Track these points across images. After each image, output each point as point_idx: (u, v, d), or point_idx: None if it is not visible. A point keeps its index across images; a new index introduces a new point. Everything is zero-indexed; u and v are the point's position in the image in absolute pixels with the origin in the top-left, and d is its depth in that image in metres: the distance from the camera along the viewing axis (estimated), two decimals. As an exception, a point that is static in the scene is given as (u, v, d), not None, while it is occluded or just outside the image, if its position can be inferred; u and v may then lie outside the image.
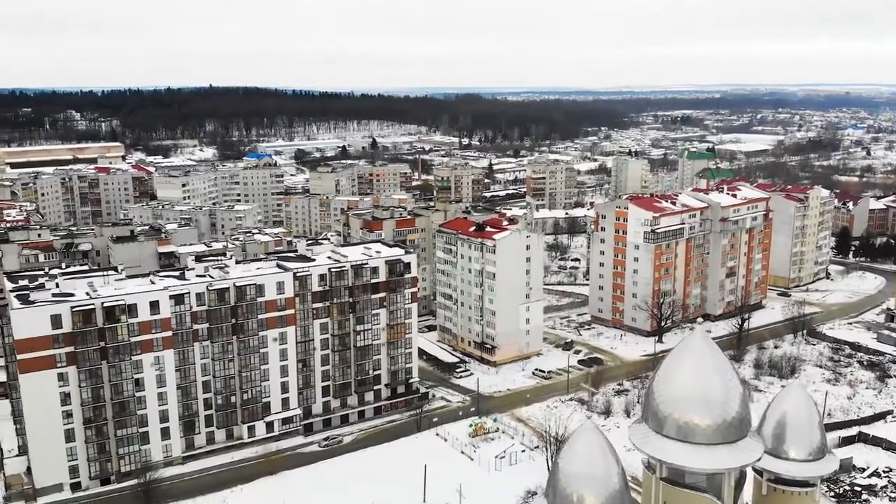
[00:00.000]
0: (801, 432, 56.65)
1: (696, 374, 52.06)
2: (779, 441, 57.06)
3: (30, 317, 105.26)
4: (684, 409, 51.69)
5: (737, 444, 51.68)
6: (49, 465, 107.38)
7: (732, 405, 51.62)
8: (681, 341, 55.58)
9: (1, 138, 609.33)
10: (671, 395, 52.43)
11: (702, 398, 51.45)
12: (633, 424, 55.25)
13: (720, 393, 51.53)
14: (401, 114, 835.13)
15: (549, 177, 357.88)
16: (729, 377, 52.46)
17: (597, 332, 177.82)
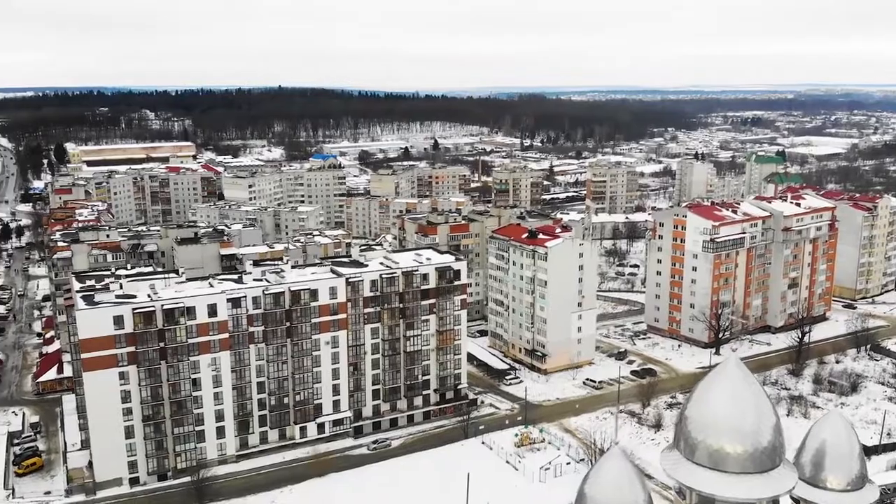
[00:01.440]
0: (841, 461, 55.13)
1: (728, 401, 51.10)
2: (817, 469, 55.64)
3: (94, 317, 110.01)
4: (716, 436, 50.86)
5: (769, 474, 50.60)
6: (109, 460, 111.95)
7: (765, 433, 50.52)
8: (714, 367, 54.80)
9: (79, 137, 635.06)
10: (703, 422, 51.64)
11: (734, 426, 50.54)
12: (665, 451, 54.74)
13: (753, 421, 50.48)
14: (463, 114, 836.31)
15: (609, 180, 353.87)
16: (762, 405, 51.29)
17: (652, 343, 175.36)
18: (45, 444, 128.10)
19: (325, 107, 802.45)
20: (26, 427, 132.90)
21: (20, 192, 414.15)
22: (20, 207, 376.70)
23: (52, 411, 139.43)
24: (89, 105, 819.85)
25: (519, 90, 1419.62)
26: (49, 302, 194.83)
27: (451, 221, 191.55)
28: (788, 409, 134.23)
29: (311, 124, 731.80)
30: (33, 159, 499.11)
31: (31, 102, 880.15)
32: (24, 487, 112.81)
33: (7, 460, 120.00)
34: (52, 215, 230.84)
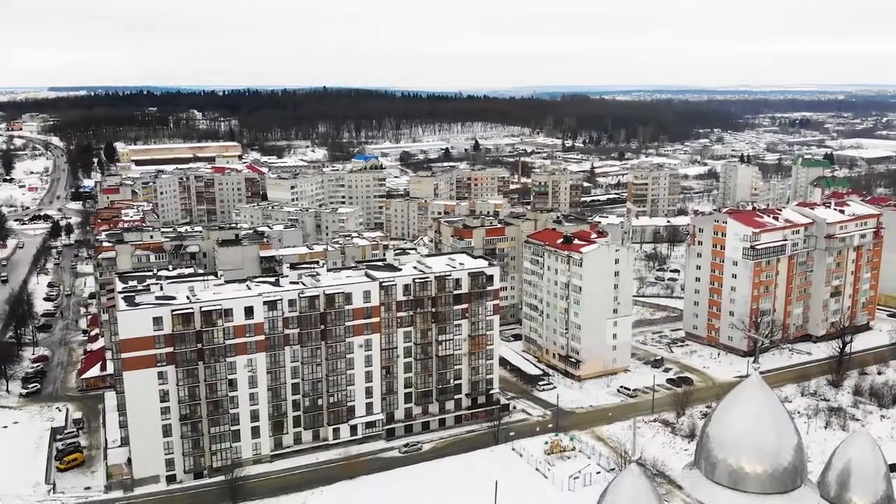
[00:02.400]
0: (866, 482, 54.12)
1: (749, 420, 50.72)
2: (842, 489, 54.70)
3: (134, 318, 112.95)
4: (736, 455, 50.50)
5: (790, 494, 50.10)
6: (147, 458, 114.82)
7: (786, 453, 50.03)
8: (736, 385, 54.35)
9: (128, 136, 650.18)
10: (723, 441, 51.32)
11: (754, 445, 50.15)
12: (685, 468, 54.45)
13: (774, 440, 50.04)
14: (505, 115, 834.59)
15: (651, 182, 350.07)
16: (783, 424, 50.82)
17: (690, 350, 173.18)
18: (87, 440, 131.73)
19: (369, 107, 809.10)
20: (69, 423, 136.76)
21: (70, 191, 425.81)
22: (70, 205, 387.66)
23: (95, 408, 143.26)
24: (139, 105, 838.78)
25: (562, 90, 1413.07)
26: (95, 299, 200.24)
27: (486, 225, 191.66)
28: (826, 420, 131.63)
29: (354, 125, 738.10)
30: (84, 158, 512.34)
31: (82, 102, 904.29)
32: (65, 482, 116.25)
33: (49, 455, 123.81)
34: (98, 215, 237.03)
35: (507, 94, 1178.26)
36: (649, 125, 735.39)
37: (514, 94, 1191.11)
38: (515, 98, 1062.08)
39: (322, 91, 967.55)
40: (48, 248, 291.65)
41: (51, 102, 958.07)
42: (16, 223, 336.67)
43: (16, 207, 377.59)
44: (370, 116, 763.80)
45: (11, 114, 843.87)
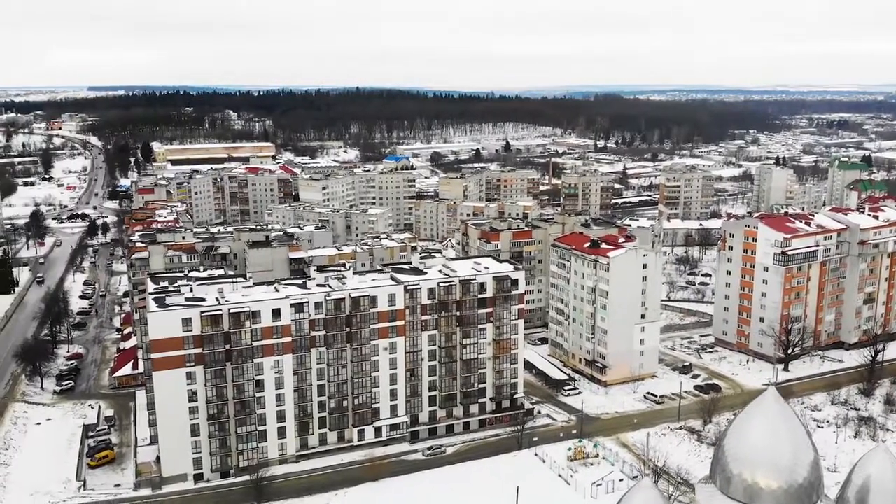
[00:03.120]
0: (886, 498, 53.54)
1: (765, 436, 50.69)
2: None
3: (164, 319, 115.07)
4: (751, 470, 50.48)
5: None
6: (175, 456, 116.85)
7: (801, 470, 49.85)
8: (753, 401, 54.10)
9: (164, 136, 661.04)
10: (739, 456, 51.29)
11: (770, 460, 50.07)
12: (700, 483, 54.39)
13: (789, 457, 49.93)
14: (536, 115, 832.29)
15: (684, 185, 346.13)
16: (800, 441, 50.65)
17: (719, 357, 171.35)
18: (118, 437, 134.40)
19: (401, 108, 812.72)
20: (101, 420, 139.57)
21: (107, 190, 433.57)
22: (107, 204, 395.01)
23: (127, 405, 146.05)
24: (175, 105, 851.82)
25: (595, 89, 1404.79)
26: (129, 298, 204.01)
27: (513, 228, 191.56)
28: (856, 430, 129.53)
29: (386, 125, 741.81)
30: (121, 157, 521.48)
31: (121, 101, 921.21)
32: (96, 479, 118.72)
33: (81, 452, 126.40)
34: (132, 215, 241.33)
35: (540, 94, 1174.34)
36: (683, 126, 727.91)
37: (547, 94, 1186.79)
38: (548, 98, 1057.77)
39: (355, 92, 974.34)
40: (85, 246, 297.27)
41: (90, 102, 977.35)
42: (54, 222, 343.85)
43: (54, 206, 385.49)
44: (402, 117, 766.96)
45: (51, 113, 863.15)
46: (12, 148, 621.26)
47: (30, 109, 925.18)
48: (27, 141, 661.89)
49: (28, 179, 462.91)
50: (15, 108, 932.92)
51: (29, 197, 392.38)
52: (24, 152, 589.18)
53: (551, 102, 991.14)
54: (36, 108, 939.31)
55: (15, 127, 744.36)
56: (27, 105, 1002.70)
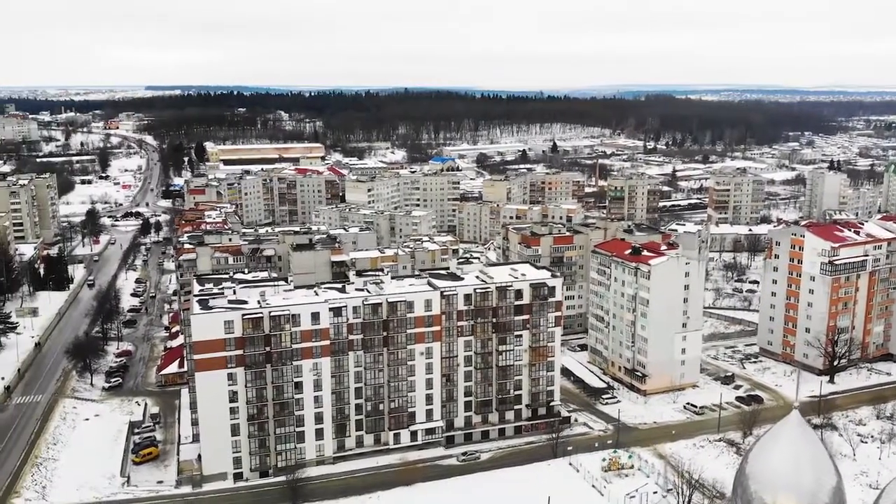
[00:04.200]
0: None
1: (787, 458, 49.90)
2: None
3: (206, 321, 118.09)
4: (772, 492, 49.73)
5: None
6: (216, 455, 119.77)
7: (823, 495, 49.04)
8: (775, 424, 53.40)
9: (218, 136, 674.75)
10: (760, 478, 50.59)
11: (791, 483, 49.30)
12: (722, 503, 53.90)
13: (811, 480, 49.14)
14: (584, 116, 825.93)
15: (733, 188, 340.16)
16: (822, 465, 49.86)
17: (763, 367, 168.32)
18: (163, 434, 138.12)
19: (448, 109, 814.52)
20: (147, 417, 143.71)
21: (161, 189, 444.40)
22: (161, 203, 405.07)
23: (172, 403, 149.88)
24: (229, 105, 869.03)
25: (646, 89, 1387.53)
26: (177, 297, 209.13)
27: (554, 233, 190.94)
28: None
29: (434, 126, 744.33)
30: (175, 157, 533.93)
31: (176, 101, 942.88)
32: (140, 476, 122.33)
33: (126, 448, 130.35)
34: (182, 216, 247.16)
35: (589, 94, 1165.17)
36: (736, 127, 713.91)
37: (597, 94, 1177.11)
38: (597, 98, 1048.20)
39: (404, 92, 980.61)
40: (138, 244, 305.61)
41: (146, 102, 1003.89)
42: (109, 220, 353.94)
43: (110, 204, 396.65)
44: (449, 118, 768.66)
45: (109, 113, 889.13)
46: (71, 147, 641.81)
47: (89, 109, 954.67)
48: (85, 140, 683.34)
49: (85, 178, 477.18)
50: (74, 108, 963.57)
51: (86, 195, 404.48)
52: (83, 151, 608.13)
53: (600, 102, 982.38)
54: (95, 108, 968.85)
55: (74, 126, 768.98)
56: (86, 104, 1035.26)
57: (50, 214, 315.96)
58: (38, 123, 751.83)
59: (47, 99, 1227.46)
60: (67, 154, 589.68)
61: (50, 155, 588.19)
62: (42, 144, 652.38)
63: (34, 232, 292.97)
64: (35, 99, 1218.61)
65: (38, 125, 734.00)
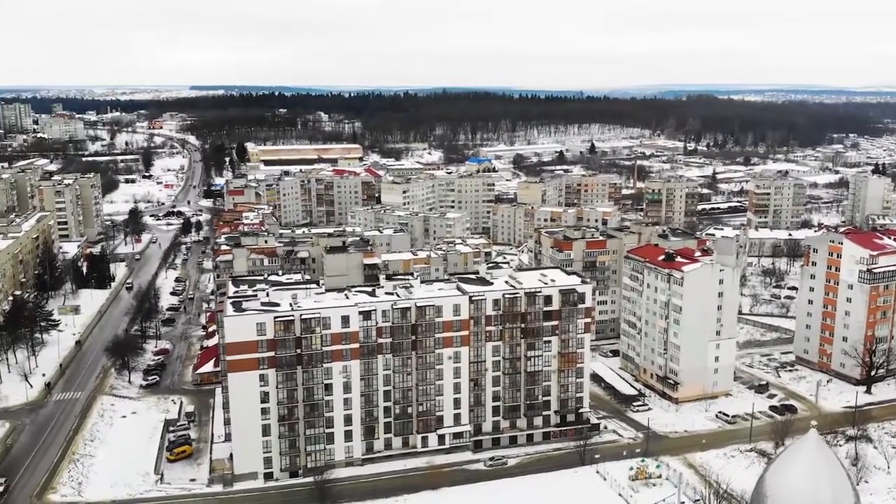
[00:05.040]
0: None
1: (805, 478, 49.76)
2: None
3: (239, 323, 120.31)
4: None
5: (845, 559, 48.58)
6: (247, 455, 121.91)
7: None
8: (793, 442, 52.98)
9: (259, 137, 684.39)
10: (778, 496, 50.45)
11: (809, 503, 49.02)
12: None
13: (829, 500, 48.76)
14: (624, 116, 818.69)
15: (774, 192, 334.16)
16: (840, 485, 49.50)
17: (798, 376, 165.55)
18: (197, 432, 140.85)
19: (486, 109, 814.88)
20: (182, 416, 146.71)
21: (203, 188, 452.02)
22: (202, 202, 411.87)
23: (207, 402, 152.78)
24: (271, 106, 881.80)
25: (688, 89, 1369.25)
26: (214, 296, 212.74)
27: (587, 237, 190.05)
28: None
29: (471, 127, 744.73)
30: (217, 157, 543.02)
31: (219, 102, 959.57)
32: (173, 473, 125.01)
33: (161, 446, 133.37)
34: (221, 217, 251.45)
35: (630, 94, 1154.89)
36: (779, 128, 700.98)
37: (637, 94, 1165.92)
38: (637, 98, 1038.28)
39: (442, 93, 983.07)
40: (178, 243, 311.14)
41: (190, 102, 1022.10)
42: (151, 219, 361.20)
43: (152, 203, 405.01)
44: (487, 118, 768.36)
45: (153, 112, 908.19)
46: (116, 146, 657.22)
47: (134, 108, 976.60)
48: (130, 139, 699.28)
49: (129, 177, 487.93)
50: (120, 108, 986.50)
51: (129, 194, 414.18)
52: (127, 150, 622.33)
53: (640, 103, 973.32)
54: (140, 107, 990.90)
55: (119, 126, 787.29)
56: (132, 104, 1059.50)
57: (94, 213, 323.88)
58: (85, 123, 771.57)
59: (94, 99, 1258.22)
60: (112, 153, 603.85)
61: (95, 154, 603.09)
62: (88, 144, 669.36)
63: (78, 230, 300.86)
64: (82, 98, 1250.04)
65: (84, 125, 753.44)
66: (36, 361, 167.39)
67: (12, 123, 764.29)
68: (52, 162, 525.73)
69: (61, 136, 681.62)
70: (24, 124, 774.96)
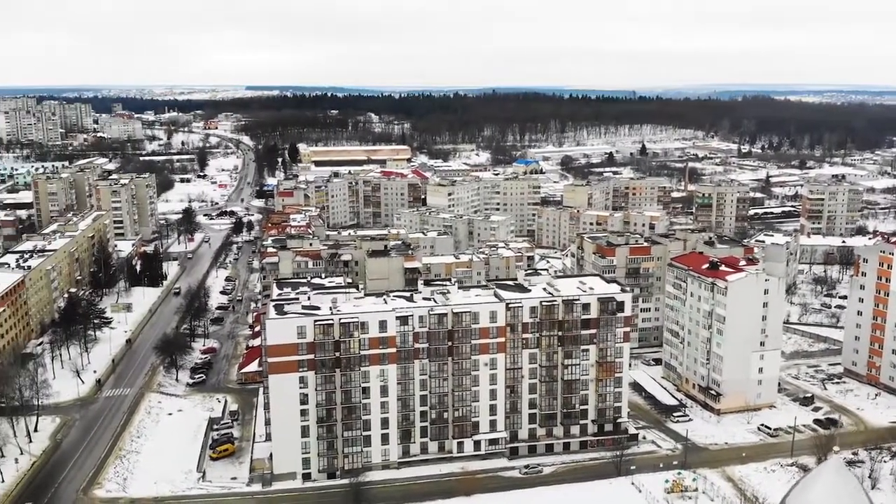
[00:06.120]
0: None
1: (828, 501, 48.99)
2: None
3: (280, 326, 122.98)
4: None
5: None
6: (286, 455, 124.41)
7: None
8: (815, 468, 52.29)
9: (310, 138, 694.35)
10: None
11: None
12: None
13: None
14: (677, 117, 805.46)
15: (828, 197, 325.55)
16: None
17: (846, 388, 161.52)
18: (240, 431, 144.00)
19: (535, 110, 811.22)
20: (225, 414, 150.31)
21: (255, 189, 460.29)
22: (254, 202, 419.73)
23: (251, 401, 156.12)
24: (323, 107, 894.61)
25: (744, 89, 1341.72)
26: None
27: (631, 243, 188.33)
28: None
29: (519, 128, 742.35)
30: (269, 157, 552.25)
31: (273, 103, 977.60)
32: (215, 471, 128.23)
33: (204, 444, 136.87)
34: (269, 219, 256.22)
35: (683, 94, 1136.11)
36: (837, 130, 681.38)
37: (691, 94, 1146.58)
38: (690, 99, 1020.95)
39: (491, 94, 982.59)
40: (230, 243, 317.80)
41: (245, 103, 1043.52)
42: (204, 218, 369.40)
43: (206, 203, 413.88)
44: (536, 119, 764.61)
45: (209, 113, 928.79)
46: (172, 146, 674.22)
47: (191, 108, 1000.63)
48: (186, 139, 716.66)
49: (184, 176, 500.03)
50: (177, 107, 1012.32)
51: (184, 193, 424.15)
52: (183, 150, 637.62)
53: (694, 103, 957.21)
54: (196, 108, 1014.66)
55: (176, 126, 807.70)
56: (189, 104, 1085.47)
57: (148, 212, 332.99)
58: (143, 123, 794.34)
59: (153, 98, 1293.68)
60: (168, 153, 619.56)
61: (152, 154, 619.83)
62: (146, 143, 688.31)
63: (133, 229, 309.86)
64: (141, 98, 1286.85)
65: (142, 125, 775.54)
66: (88, 358, 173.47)
67: (74, 123, 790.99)
68: (111, 161, 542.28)
69: (120, 135, 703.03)
70: (84, 124, 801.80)
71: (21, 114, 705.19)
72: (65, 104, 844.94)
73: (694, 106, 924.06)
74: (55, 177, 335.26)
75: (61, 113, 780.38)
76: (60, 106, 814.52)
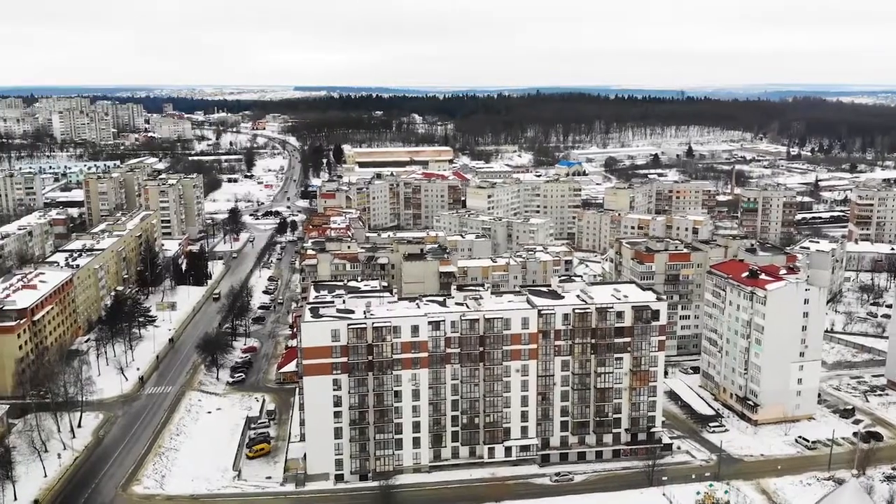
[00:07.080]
0: None
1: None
2: None
3: (315, 329, 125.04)
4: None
5: None
6: (320, 456, 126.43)
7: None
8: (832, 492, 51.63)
9: (355, 139, 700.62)
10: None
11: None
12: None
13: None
14: (725, 118, 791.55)
15: (878, 203, 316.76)
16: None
17: (888, 401, 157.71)
18: (276, 431, 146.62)
19: (579, 110, 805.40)
20: (263, 413, 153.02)
21: (300, 189, 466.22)
22: (299, 203, 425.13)
23: (288, 401, 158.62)
24: (368, 108, 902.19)
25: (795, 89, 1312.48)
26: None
27: (670, 249, 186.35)
28: None
29: (563, 129, 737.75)
30: (314, 158, 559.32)
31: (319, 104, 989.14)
32: (251, 470, 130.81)
33: (241, 443, 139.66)
34: (310, 221, 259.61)
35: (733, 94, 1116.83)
36: (890, 133, 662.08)
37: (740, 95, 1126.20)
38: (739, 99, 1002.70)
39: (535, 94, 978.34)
40: (274, 243, 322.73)
41: (292, 104, 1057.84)
42: (250, 218, 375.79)
43: (252, 203, 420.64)
44: (580, 120, 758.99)
45: (257, 114, 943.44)
46: (220, 146, 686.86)
47: (239, 109, 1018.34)
48: (234, 140, 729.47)
49: (232, 176, 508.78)
50: (226, 108, 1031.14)
51: (231, 193, 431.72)
52: (231, 150, 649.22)
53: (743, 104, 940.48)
54: (245, 108, 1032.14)
55: (224, 126, 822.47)
56: (238, 105, 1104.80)
57: (195, 212, 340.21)
58: (192, 123, 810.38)
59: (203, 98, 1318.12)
60: (217, 153, 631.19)
61: (201, 154, 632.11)
62: (195, 143, 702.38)
63: (180, 228, 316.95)
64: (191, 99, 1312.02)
65: (191, 125, 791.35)
66: (132, 355, 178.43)
67: (126, 123, 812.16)
68: (161, 161, 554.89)
69: (170, 135, 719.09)
70: (136, 124, 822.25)
71: (75, 114, 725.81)
72: (117, 104, 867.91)
73: (743, 107, 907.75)
74: (106, 176, 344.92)
75: (114, 113, 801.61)
76: (113, 106, 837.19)
